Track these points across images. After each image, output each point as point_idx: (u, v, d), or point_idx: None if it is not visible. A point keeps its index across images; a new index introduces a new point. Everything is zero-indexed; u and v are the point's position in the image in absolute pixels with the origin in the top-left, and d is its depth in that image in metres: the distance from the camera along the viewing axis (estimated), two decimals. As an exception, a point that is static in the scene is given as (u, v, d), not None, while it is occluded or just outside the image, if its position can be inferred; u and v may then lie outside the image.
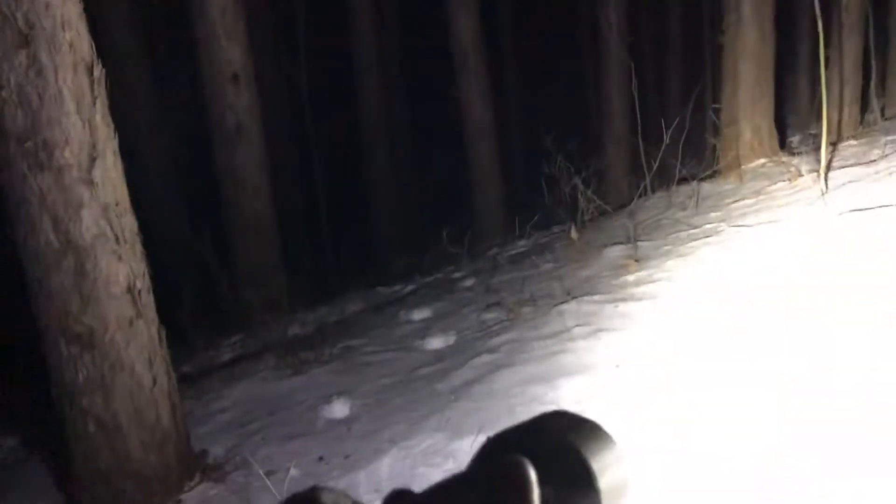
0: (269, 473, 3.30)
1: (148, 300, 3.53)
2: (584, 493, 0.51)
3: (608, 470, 0.53)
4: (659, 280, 4.59)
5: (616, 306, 4.30)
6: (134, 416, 3.42)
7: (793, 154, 7.19)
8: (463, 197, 9.65)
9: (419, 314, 5.71)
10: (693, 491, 2.53)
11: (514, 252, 7.10)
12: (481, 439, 3.17)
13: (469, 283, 6.33)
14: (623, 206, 7.20)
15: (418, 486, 1.98)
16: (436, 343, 4.88)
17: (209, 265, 6.88)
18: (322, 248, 10.13)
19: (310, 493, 0.43)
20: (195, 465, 3.69)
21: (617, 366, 3.58)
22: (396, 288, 7.38)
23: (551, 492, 0.48)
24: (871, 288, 3.61)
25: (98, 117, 3.28)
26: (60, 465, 3.85)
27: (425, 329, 5.23)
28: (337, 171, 12.44)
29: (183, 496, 3.51)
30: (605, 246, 5.80)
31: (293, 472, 3.33)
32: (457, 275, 6.96)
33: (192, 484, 3.59)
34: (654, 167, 6.71)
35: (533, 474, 0.45)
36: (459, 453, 3.19)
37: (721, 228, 5.44)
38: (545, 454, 0.51)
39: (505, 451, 0.49)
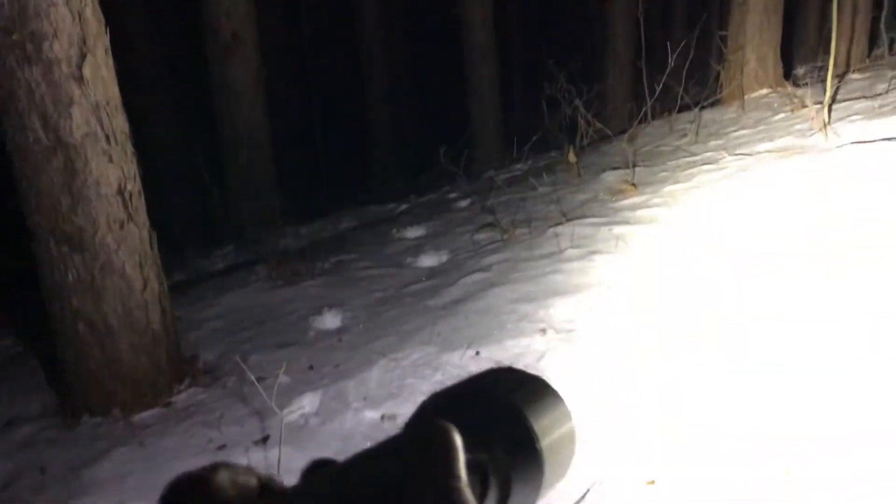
0: (259, 380, 3.31)
1: (139, 203, 3.48)
2: (526, 456, 0.48)
3: (552, 429, 0.50)
4: (655, 205, 4.56)
5: (611, 230, 4.28)
6: (124, 318, 3.42)
7: (797, 85, 7.07)
8: (462, 117, 9.50)
9: (412, 232, 5.69)
10: (667, 422, 2.55)
11: (511, 174, 7.05)
12: (471, 353, 3.18)
13: (464, 203, 6.29)
14: (623, 131, 7.12)
15: (407, 396, 1.97)
16: (428, 261, 4.87)
17: (202, 175, 6.80)
18: (316, 165, 10.03)
19: (206, 470, 0.39)
20: (185, 370, 3.71)
21: (609, 287, 3.58)
22: (390, 206, 7.35)
23: (487, 457, 0.45)
24: (869, 231, 3.58)
25: (88, 11, 3.17)
26: (52, 365, 3.87)
27: (418, 247, 5.22)
28: (334, 88, 12.22)
29: (173, 399, 3.53)
30: (604, 170, 5.75)
31: (283, 378, 3.35)
32: (452, 195, 6.92)
33: (182, 387, 3.61)
34: (657, 93, 6.60)
35: (458, 441, 0.42)
36: (448, 366, 3.21)
37: (721, 157, 5.39)
38: (484, 415, 0.48)
39: (441, 413, 0.46)
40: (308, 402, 3.14)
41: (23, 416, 3.70)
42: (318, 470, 0.42)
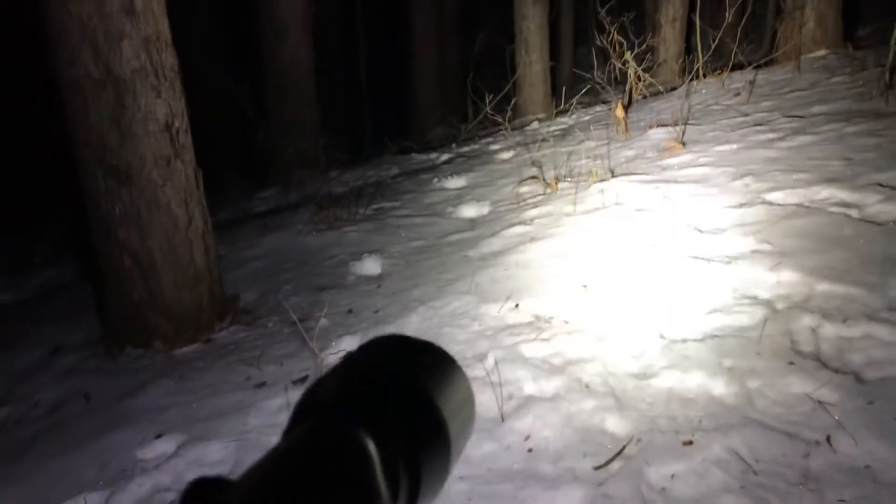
0: (299, 321, 3.35)
1: (186, 140, 3.49)
2: (432, 435, 0.45)
3: (453, 399, 0.47)
4: (704, 165, 4.46)
5: (657, 188, 4.20)
6: (168, 253, 3.46)
7: (858, 48, 6.82)
8: (507, 67, 9.36)
9: (454, 183, 5.66)
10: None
11: (556, 127, 6.94)
12: (510, 306, 3.17)
13: (507, 155, 6.22)
14: (673, 88, 6.95)
15: (445, 345, 1.96)
16: (469, 212, 4.84)
17: (247, 116, 6.81)
18: (360, 111, 9.99)
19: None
20: (227, 308, 3.76)
21: (653, 246, 3.52)
22: (432, 156, 7.31)
23: (395, 450, 0.42)
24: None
25: (140, -57, 3.15)
26: (97, 296, 3.95)
27: (459, 198, 5.19)
28: (379, 34, 12.09)
29: (214, 335, 3.59)
30: (652, 127, 5.63)
31: (323, 321, 3.38)
32: (494, 147, 6.85)
33: (223, 325, 3.67)
34: (711, 50, 6.42)
35: (373, 449, 0.39)
36: (486, 317, 3.21)
37: (773, 118, 5.24)
38: (383, 396, 0.44)
39: (337, 402, 0.43)
40: (347, 345, 3.17)
41: (69, 344, 3.79)
42: (203, 490, 0.37)
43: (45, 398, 3.34)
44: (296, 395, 2.87)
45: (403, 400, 0.44)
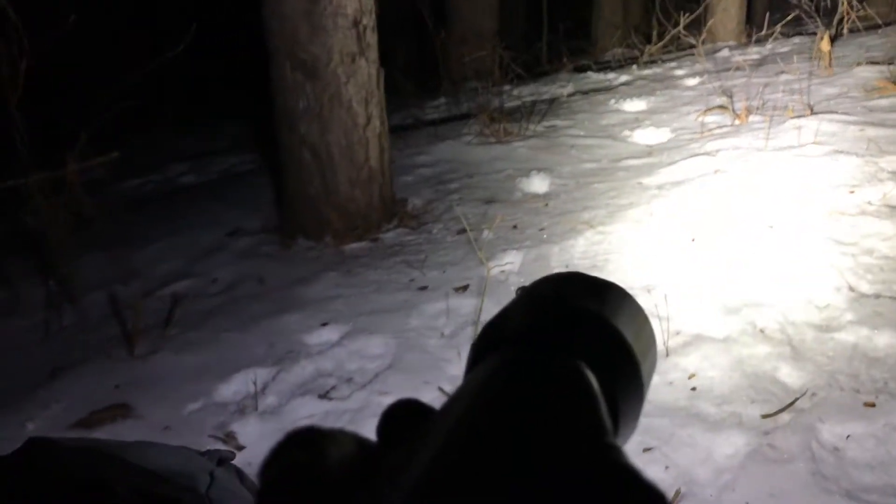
0: (463, 231, 3.35)
1: (372, 39, 3.50)
2: (628, 375, 0.40)
3: (642, 340, 0.42)
4: (920, 109, 4.02)
5: (862, 129, 3.82)
6: (345, 150, 3.53)
7: None
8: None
9: (632, 106, 5.41)
10: None
11: (749, 56, 6.45)
12: (686, 240, 3.01)
13: (692, 82, 5.86)
14: (888, 23, 6.25)
15: (612, 271, 1.88)
16: (646, 137, 4.62)
17: (426, 23, 6.77)
18: (538, 26, 9.72)
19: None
20: (395, 210, 3.82)
21: (851, 192, 3.22)
22: (610, 76, 7.00)
23: (602, 384, 0.37)
24: None
25: None
26: (276, 186, 4.11)
27: (637, 121, 4.96)
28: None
29: (381, 235, 3.66)
30: (859, 64, 5.10)
31: (487, 234, 3.36)
32: (679, 72, 6.47)
33: (390, 227, 3.73)
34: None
35: (594, 381, 0.35)
36: (658, 248, 3.07)
37: None
38: (577, 332, 0.40)
39: (532, 338, 0.38)
40: (511, 259, 3.14)
41: (246, 228, 3.99)
42: (401, 412, 0.34)
43: (222, 276, 3.54)
44: (456, 301, 2.89)
45: (600, 337, 0.40)
